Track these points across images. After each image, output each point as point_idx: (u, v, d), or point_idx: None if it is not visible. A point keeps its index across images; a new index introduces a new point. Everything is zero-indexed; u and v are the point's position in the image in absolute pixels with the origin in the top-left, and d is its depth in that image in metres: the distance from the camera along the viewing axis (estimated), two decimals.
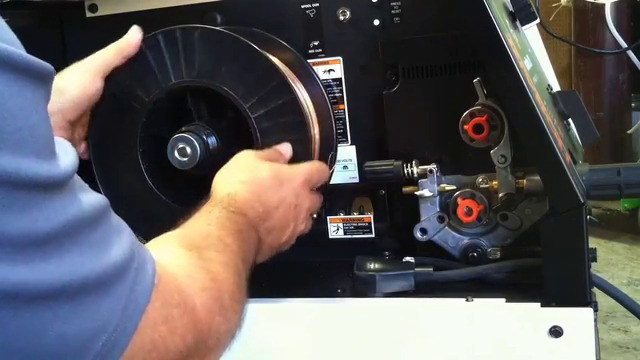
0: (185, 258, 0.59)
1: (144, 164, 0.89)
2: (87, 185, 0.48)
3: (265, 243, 0.78)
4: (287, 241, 0.82)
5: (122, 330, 0.45)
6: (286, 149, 0.85)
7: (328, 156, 0.94)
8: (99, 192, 0.93)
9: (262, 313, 0.86)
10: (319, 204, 0.88)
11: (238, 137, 0.89)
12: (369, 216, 0.99)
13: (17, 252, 0.39)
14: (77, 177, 0.46)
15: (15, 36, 0.42)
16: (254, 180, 0.78)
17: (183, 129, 0.86)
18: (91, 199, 0.46)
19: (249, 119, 0.85)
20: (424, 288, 0.87)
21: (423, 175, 0.90)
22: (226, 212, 0.72)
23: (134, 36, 0.86)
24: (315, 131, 0.91)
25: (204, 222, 0.69)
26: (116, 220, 0.50)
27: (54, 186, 0.42)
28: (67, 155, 0.45)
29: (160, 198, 0.90)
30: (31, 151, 0.40)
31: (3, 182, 0.39)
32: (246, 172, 0.79)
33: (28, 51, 0.42)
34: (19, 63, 0.40)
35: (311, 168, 0.86)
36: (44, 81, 0.43)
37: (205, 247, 0.63)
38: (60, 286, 0.41)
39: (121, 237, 0.49)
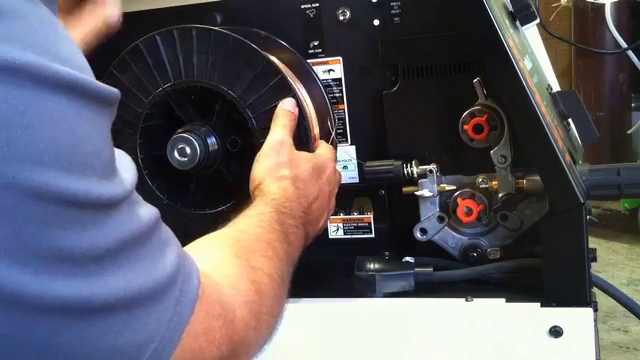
0: (233, 266, 0.59)
1: (145, 170, 0.89)
2: (141, 197, 0.49)
3: (309, 235, 0.80)
4: (323, 226, 0.85)
5: (168, 341, 0.47)
6: (289, 104, 0.85)
7: None
8: None
9: None
10: (340, 182, 0.91)
11: (237, 137, 0.89)
12: (369, 216, 0.99)
13: (77, 267, 0.41)
14: (134, 192, 0.48)
15: (85, 61, 0.44)
16: (298, 175, 0.79)
17: (183, 129, 0.86)
18: (145, 213, 0.48)
19: (249, 119, 0.85)
20: (424, 288, 0.87)
21: (423, 175, 0.90)
22: (276, 214, 0.73)
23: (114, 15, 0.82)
24: (315, 131, 0.91)
25: (256, 223, 0.70)
26: (165, 231, 0.51)
27: (114, 204, 0.44)
28: (127, 172, 0.47)
29: (160, 198, 0.90)
30: (96, 173, 0.42)
31: (71, 203, 0.40)
32: (289, 166, 0.80)
33: None
34: (90, 91, 0.42)
35: (334, 151, 0.90)
36: (111, 106, 0.45)
37: (254, 253, 0.63)
38: (114, 300, 0.43)
39: (170, 249, 0.50)
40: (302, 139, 0.86)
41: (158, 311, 0.46)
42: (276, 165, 0.79)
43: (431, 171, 0.89)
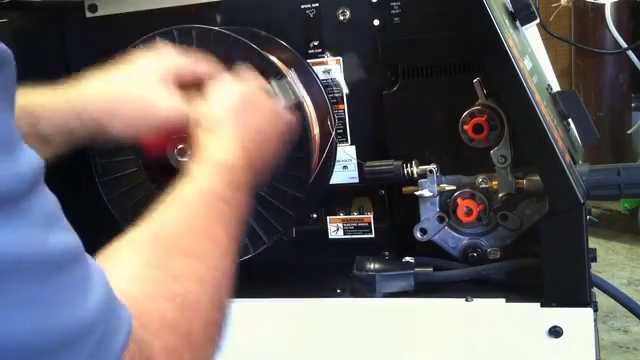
0: (145, 283, 0.46)
1: (145, 170, 0.89)
2: (62, 222, 0.38)
3: (259, 173, 0.68)
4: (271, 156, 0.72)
5: None
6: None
7: (329, 156, 0.94)
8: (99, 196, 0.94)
9: (262, 313, 0.86)
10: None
11: None
12: (369, 216, 0.99)
13: None
14: (42, 204, 0.37)
15: None
16: (234, 107, 0.69)
17: None
18: (52, 241, 0.36)
19: None
20: (424, 288, 0.87)
21: (423, 175, 0.90)
22: (223, 187, 0.59)
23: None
24: (315, 131, 0.91)
25: (191, 206, 0.57)
26: (86, 272, 0.39)
27: None
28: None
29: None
30: None
31: None
32: (220, 100, 0.70)
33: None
34: None
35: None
36: None
37: (176, 255, 0.51)
38: None
39: (89, 292, 0.38)
40: (302, 139, 0.86)
41: None
42: (243, 108, 0.69)
43: (431, 171, 0.89)
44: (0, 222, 0.33)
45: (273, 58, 0.89)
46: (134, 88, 0.72)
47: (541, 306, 0.80)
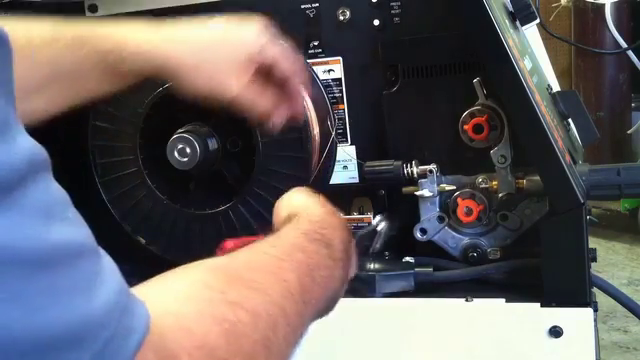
0: (196, 302, 0.45)
1: (145, 170, 0.89)
2: (73, 212, 0.37)
3: (347, 278, 0.65)
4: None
5: None
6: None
7: (329, 156, 0.94)
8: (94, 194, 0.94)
9: None
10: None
11: (237, 137, 0.89)
12: (369, 216, 0.99)
13: None
14: (39, 195, 0.35)
15: None
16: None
17: (183, 129, 0.86)
18: (52, 235, 0.34)
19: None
20: (424, 288, 0.87)
21: (423, 175, 0.90)
22: (305, 239, 0.58)
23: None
24: (315, 131, 0.91)
25: (263, 248, 0.55)
26: (95, 268, 0.37)
27: None
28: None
29: (160, 198, 0.90)
30: None
31: None
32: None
33: None
34: None
35: None
36: None
37: (237, 283, 0.49)
38: None
39: (101, 288, 0.37)
40: (302, 139, 0.86)
41: None
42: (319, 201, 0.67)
43: (431, 171, 0.89)
44: None
45: None
46: (217, 59, 0.73)
47: (541, 306, 0.80)
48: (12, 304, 0.32)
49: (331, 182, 0.97)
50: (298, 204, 0.65)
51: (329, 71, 0.96)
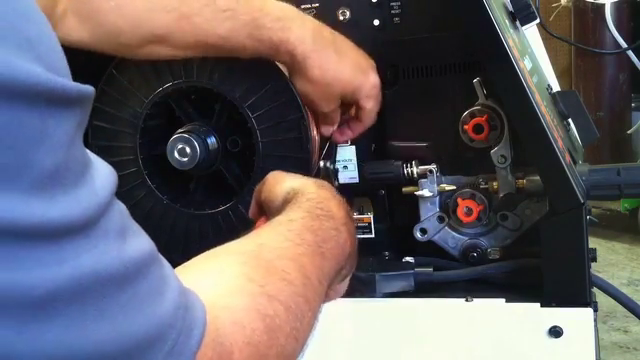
0: (243, 296, 0.47)
1: (145, 170, 0.89)
2: (134, 225, 0.40)
3: (353, 243, 0.67)
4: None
5: None
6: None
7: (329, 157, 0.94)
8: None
9: None
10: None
11: (237, 137, 0.89)
12: (369, 216, 0.99)
13: (6, 314, 0.32)
14: (116, 217, 0.37)
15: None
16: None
17: (183, 129, 0.86)
18: (134, 246, 0.38)
19: (249, 119, 0.85)
20: (424, 288, 0.87)
21: (423, 175, 0.90)
22: (310, 218, 0.60)
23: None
24: (315, 131, 0.91)
25: (282, 233, 0.57)
26: (161, 272, 0.40)
27: (66, 231, 0.33)
28: (101, 189, 0.36)
29: (160, 198, 0.90)
30: (22, 187, 0.32)
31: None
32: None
33: None
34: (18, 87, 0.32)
35: None
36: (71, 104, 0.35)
37: (273, 275, 0.51)
38: None
39: (165, 295, 0.39)
40: (302, 139, 0.86)
41: None
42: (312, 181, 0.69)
43: (431, 171, 0.89)
44: (83, 246, 0.34)
45: None
46: None
47: (541, 306, 0.80)
48: (102, 321, 0.35)
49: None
50: (291, 185, 0.67)
51: None
